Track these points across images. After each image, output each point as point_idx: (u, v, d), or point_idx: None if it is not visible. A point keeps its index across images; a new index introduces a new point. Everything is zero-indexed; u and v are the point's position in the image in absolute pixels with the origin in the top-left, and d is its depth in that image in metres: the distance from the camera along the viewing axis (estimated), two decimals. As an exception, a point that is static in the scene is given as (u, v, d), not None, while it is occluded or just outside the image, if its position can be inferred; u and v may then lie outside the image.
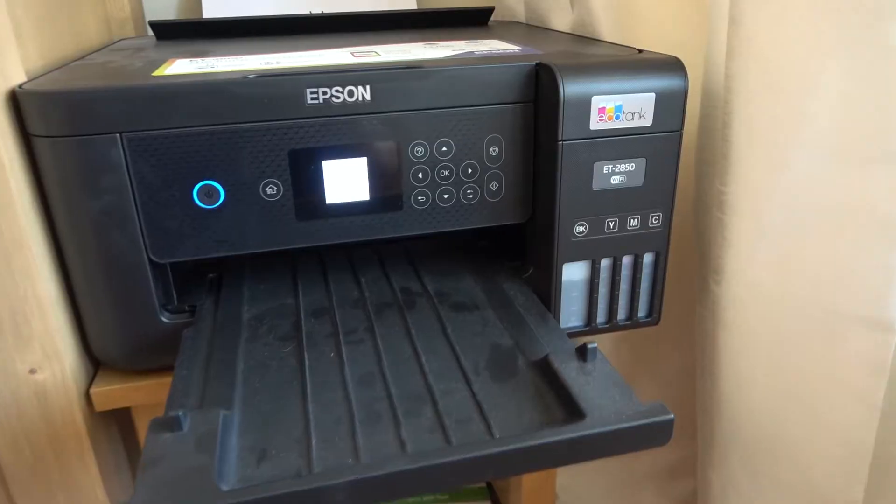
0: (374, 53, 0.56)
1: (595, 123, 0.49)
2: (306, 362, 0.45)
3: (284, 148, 0.48)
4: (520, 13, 0.86)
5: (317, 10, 0.83)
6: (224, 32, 0.71)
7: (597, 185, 0.51)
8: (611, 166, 0.51)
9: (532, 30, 0.75)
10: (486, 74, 0.50)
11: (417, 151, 0.51)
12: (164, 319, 0.51)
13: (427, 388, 0.41)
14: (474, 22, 0.80)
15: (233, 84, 0.46)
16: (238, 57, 0.55)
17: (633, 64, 0.51)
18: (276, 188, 0.49)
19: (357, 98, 0.48)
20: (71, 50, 0.62)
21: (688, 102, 0.51)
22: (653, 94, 0.50)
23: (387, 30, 0.74)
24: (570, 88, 0.48)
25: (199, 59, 0.54)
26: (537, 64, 0.51)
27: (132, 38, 0.77)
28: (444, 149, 0.51)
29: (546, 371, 0.42)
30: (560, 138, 0.49)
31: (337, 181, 0.50)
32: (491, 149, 0.52)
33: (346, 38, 0.66)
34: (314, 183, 0.50)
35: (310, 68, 0.48)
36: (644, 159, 0.52)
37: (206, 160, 0.47)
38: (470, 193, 0.53)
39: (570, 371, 0.41)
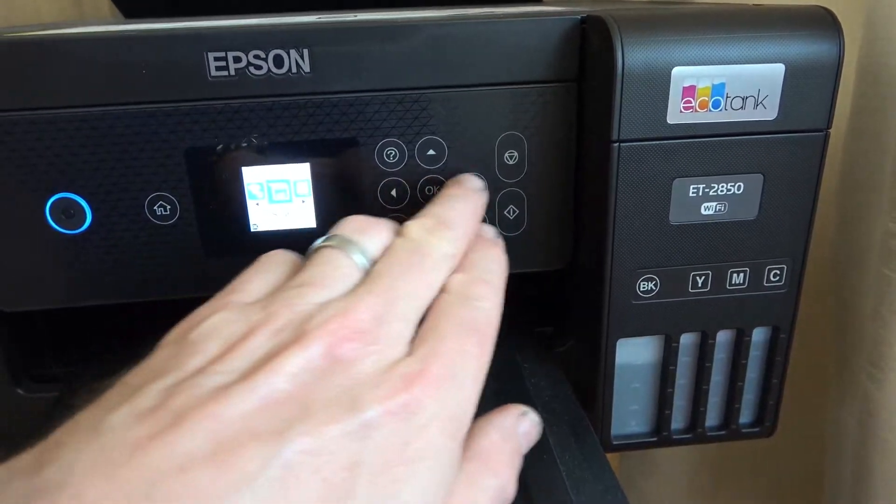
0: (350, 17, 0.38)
1: (677, 114, 0.30)
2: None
3: (178, 145, 0.31)
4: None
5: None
6: (203, 7, 0.56)
7: (678, 215, 0.31)
8: (702, 186, 0.31)
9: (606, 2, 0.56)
10: (498, 35, 0.31)
11: (390, 156, 0.33)
12: (20, 392, 0.35)
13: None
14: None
15: (88, 44, 0.30)
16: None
17: (745, 17, 0.31)
18: (168, 207, 0.32)
19: (288, 69, 0.31)
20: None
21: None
22: (781, 67, 0.30)
23: (408, 6, 0.56)
24: (634, 55, 0.29)
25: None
26: (583, 19, 0.31)
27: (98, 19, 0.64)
28: (432, 152, 0.33)
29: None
30: (615, 137, 0.30)
31: (265, 198, 0.33)
32: (506, 154, 0.33)
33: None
34: (229, 200, 0.32)
35: (219, 28, 0.31)
36: (760, 176, 0.31)
37: (63, 162, 0.31)
38: (473, 223, 0.34)
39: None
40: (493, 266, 0.26)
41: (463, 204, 0.28)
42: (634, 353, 0.34)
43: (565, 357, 0.37)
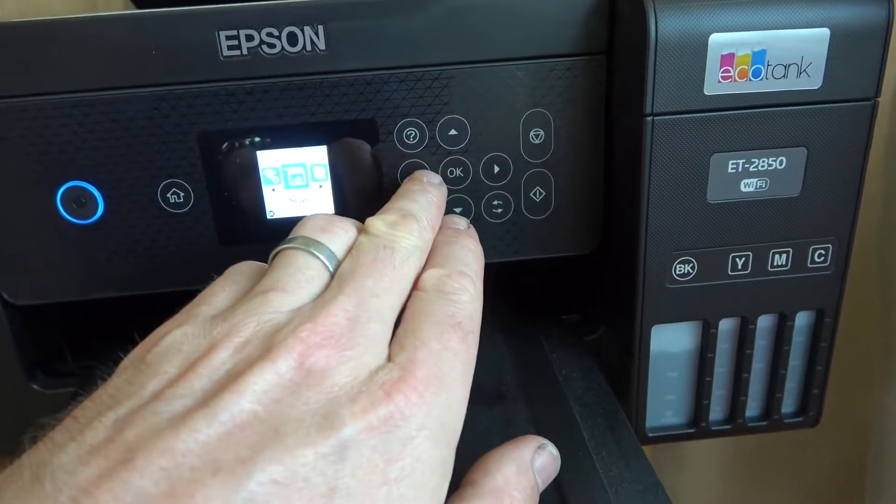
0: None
1: (715, 85, 0.28)
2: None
3: (190, 129, 0.30)
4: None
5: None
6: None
7: (716, 193, 0.30)
8: (742, 162, 0.29)
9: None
10: (522, 6, 0.30)
11: (409, 136, 0.31)
12: (36, 387, 0.34)
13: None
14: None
15: (96, 25, 0.28)
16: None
17: (786, -20, 0.29)
18: (182, 194, 0.31)
19: (303, 46, 0.29)
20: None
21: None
22: (826, 32, 0.28)
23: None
24: (668, 22, 0.27)
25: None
26: (613, -13, 0.30)
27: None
28: (454, 132, 0.31)
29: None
30: (649, 111, 0.28)
31: (281, 184, 0.31)
32: (532, 133, 0.31)
33: None
34: (244, 186, 0.31)
35: (231, 7, 0.30)
36: (804, 149, 0.29)
37: (73, 149, 0.30)
38: (497, 206, 0.32)
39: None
40: (468, 256, 0.25)
41: (423, 197, 0.27)
42: (670, 341, 0.33)
43: (595, 345, 0.35)
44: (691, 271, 0.31)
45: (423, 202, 0.27)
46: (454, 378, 0.20)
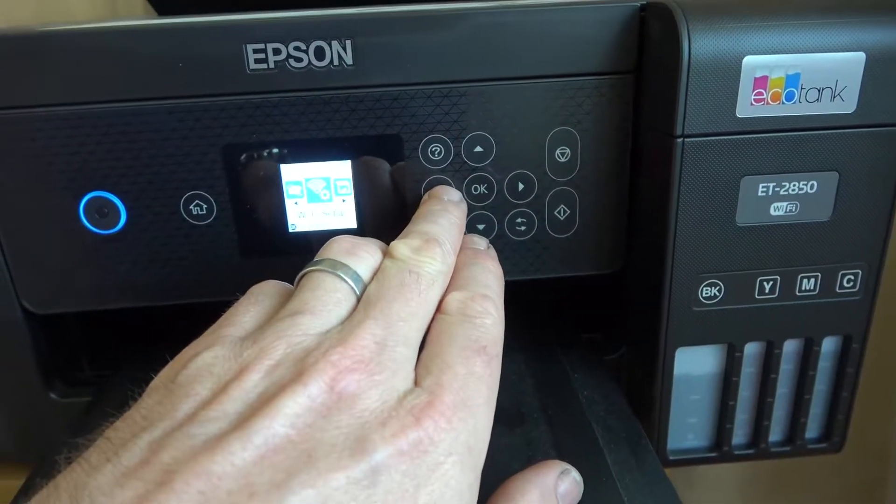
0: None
1: (747, 107, 0.27)
2: None
3: (215, 142, 0.30)
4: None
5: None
6: (241, 6, 0.55)
7: (745, 216, 0.29)
8: (772, 185, 0.29)
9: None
10: (551, 24, 0.29)
11: (435, 152, 0.31)
12: (53, 396, 0.34)
13: None
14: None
15: (122, 36, 0.28)
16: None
17: (822, 1, 0.28)
18: (205, 206, 0.31)
19: (330, 61, 0.29)
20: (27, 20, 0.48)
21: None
22: (861, 56, 0.27)
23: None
24: (701, 43, 0.27)
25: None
26: (643, 6, 0.29)
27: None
28: (479, 149, 0.31)
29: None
30: (679, 132, 0.28)
31: (305, 197, 0.31)
32: (558, 151, 0.31)
33: None
34: (267, 199, 0.31)
35: (258, 19, 0.30)
36: (836, 174, 0.29)
37: (96, 159, 0.30)
38: (521, 223, 0.32)
39: None
40: (490, 279, 0.25)
41: (445, 218, 0.27)
42: (694, 363, 0.32)
43: (618, 365, 0.35)
44: (718, 294, 0.30)
45: (444, 224, 0.26)
46: (480, 402, 0.20)
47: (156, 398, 0.19)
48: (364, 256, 0.23)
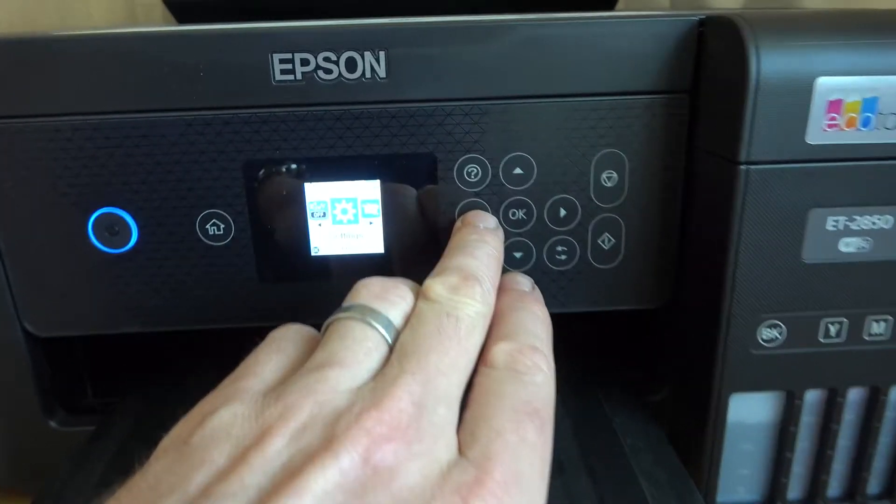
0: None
1: (819, 133, 0.25)
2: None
3: (235, 157, 0.28)
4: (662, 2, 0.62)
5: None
6: (266, 14, 0.53)
7: (812, 252, 0.27)
8: (843, 219, 0.26)
9: (682, 7, 0.51)
10: (600, 38, 0.27)
11: (471, 174, 0.29)
12: (53, 424, 0.32)
13: None
14: (595, 6, 0.57)
15: (139, 42, 0.26)
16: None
17: (901, 19, 0.26)
18: (222, 226, 0.29)
19: (362, 73, 0.27)
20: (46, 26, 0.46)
21: None
22: (946, 78, 0.25)
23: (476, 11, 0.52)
24: (771, 62, 0.24)
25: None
26: (702, 20, 0.27)
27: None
28: (519, 171, 0.29)
29: None
30: (743, 159, 0.25)
31: (329, 219, 0.29)
32: (604, 175, 0.29)
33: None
34: (288, 220, 0.29)
35: (286, 27, 0.28)
36: (914, 208, 0.26)
37: (108, 174, 0.28)
38: (561, 252, 0.30)
39: None
40: (539, 327, 0.22)
41: (482, 250, 0.24)
42: (749, 410, 0.29)
43: (662, 408, 0.32)
44: (779, 336, 0.28)
45: (482, 257, 0.24)
46: (533, 476, 0.17)
47: (165, 463, 0.16)
48: (395, 301, 0.21)
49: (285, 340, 0.21)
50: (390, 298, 0.21)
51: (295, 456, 0.16)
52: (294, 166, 0.28)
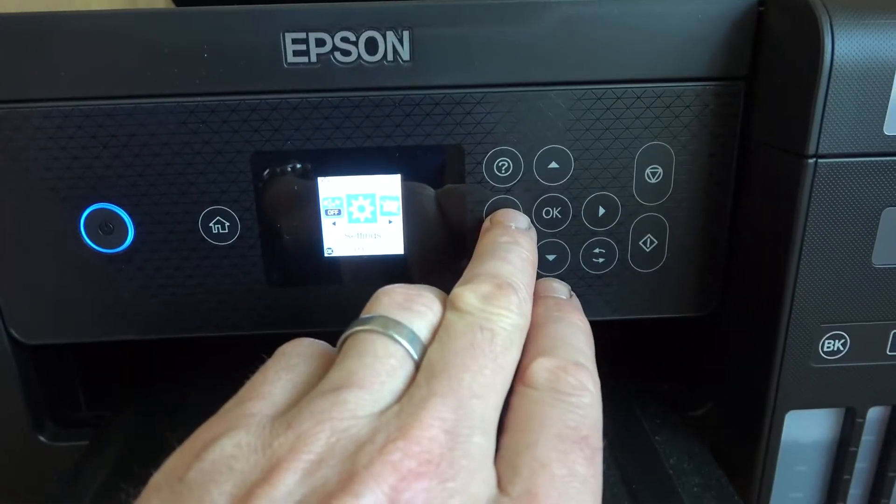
0: None
1: (896, 123, 0.22)
2: None
3: (242, 148, 0.25)
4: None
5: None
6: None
7: (884, 255, 0.24)
8: (920, 219, 0.24)
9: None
10: (648, 18, 0.24)
11: (501, 168, 0.26)
12: (43, 439, 0.29)
13: None
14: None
15: (135, 21, 0.24)
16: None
17: None
18: (227, 224, 0.26)
19: (384, 55, 0.24)
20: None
21: None
22: None
23: None
24: (847, 42, 0.21)
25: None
26: (762, 0, 0.24)
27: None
28: (554, 165, 0.26)
29: None
30: (812, 151, 0.23)
31: (344, 217, 0.26)
32: (648, 170, 0.26)
33: None
34: (299, 218, 0.26)
35: (299, 5, 0.25)
36: None
37: (101, 165, 0.25)
38: (599, 255, 0.27)
39: None
40: (581, 340, 0.20)
41: (515, 253, 0.22)
42: (804, 428, 0.27)
43: (704, 424, 0.30)
44: (842, 348, 0.25)
45: (516, 261, 0.21)
46: None
47: (161, 500, 0.14)
48: (421, 311, 0.18)
49: (296, 357, 0.18)
50: (415, 308, 0.18)
51: (309, 496, 0.13)
52: (307, 158, 0.25)
